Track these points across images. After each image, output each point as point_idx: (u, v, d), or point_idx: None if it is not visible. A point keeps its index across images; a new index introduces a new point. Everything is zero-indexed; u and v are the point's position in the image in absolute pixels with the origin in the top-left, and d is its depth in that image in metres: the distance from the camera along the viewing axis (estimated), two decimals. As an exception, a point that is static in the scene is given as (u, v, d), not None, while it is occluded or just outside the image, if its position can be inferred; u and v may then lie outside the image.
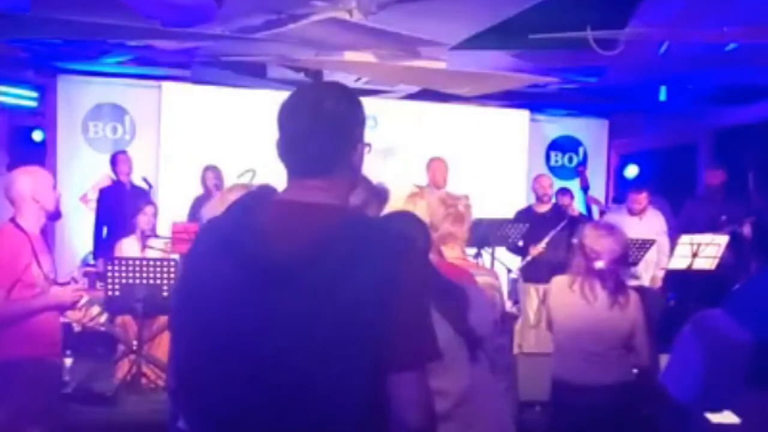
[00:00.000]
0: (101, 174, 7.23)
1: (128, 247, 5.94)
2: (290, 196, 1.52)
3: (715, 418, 1.79)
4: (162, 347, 5.20)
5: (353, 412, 1.40)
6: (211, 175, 6.76)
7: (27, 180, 3.22)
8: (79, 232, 7.32)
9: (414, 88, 7.55)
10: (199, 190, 6.81)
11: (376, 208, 2.25)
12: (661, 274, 6.16)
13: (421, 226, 2.21)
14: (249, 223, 1.47)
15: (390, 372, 1.39)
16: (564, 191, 7.28)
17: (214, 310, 1.45)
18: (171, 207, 6.79)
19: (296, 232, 1.43)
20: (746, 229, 4.31)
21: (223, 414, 1.45)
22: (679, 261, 5.70)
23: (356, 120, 1.55)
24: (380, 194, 2.30)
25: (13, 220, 3.20)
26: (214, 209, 3.09)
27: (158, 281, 5.05)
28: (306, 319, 1.39)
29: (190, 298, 1.52)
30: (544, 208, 6.43)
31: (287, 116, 1.54)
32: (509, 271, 6.57)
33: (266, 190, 1.59)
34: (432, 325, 1.47)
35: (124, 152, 7.07)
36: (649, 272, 6.18)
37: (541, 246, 5.96)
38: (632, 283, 5.86)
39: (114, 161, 6.91)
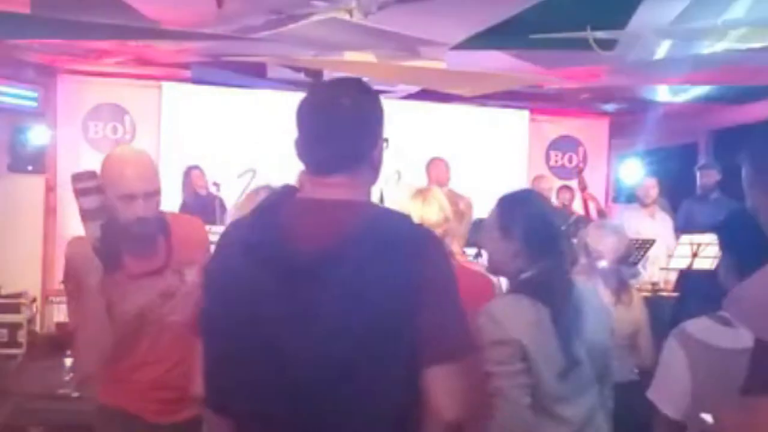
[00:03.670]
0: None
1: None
2: (314, 195, 1.51)
3: (710, 418, 1.79)
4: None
5: (388, 407, 1.39)
6: (200, 173, 6.82)
7: (101, 166, 2.27)
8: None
9: (414, 88, 7.55)
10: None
11: None
12: (672, 275, 6.16)
13: None
14: (274, 223, 1.46)
15: (428, 365, 1.38)
16: (565, 190, 7.29)
17: (243, 311, 1.43)
18: (171, 207, 6.78)
19: (323, 230, 1.42)
20: None
21: (258, 414, 1.43)
22: (679, 261, 5.70)
23: (376, 115, 1.54)
24: None
25: None
26: (242, 211, 3.06)
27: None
28: (338, 317, 1.38)
29: (218, 301, 1.50)
30: None
31: (307, 114, 1.51)
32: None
33: (288, 190, 1.57)
34: (466, 317, 1.46)
35: None
36: (660, 273, 6.18)
37: None
38: (646, 282, 5.91)
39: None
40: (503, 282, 3.93)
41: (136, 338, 2.28)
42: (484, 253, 6.48)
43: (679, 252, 5.70)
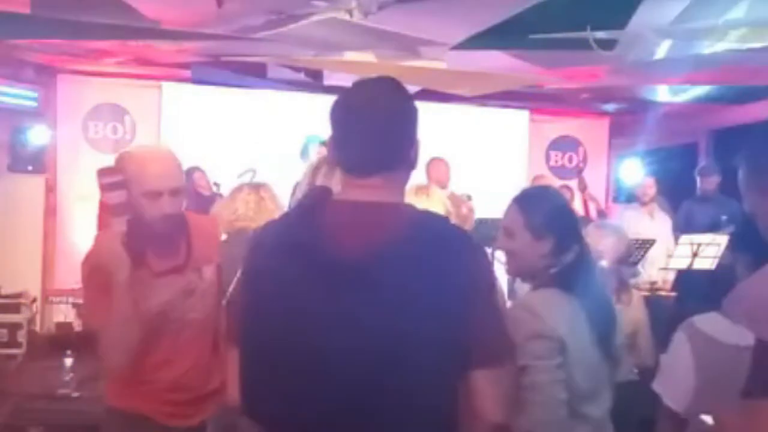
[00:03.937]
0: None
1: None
2: (350, 196, 1.49)
3: (710, 419, 1.78)
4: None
5: (429, 410, 1.38)
6: (202, 175, 6.82)
7: (124, 163, 2.23)
8: (80, 232, 7.32)
9: (414, 88, 7.54)
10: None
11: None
12: (670, 275, 6.16)
13: None
14: (314, 225, 1.44)
15: (476, 368, 1.38)
16: (565, 190, 7.29)
17: (284, 315, 1.41)
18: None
19: (366, 233, 1.40)
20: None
21: (301, 417, 1.41)
22: (679, 261, 5.71)
23: (412, 115, 1.54)
24: None
25: None
26: (224, 209, 3.09)
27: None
28: (382, 320, 1.36)
29: (258, 305, 1.47)
30: None
31: (342, 115, 1.50)
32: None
33: (323, 192, 1.55)
34: (506, 319, 1.46)
35: None
36: (659, 273, 6.19)
37: None
38: (644, 282, 5.91)
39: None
40: (503, 283, 3.94)
41: (157, 336, 2.25)
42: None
43: (679, 252, 5.70)
